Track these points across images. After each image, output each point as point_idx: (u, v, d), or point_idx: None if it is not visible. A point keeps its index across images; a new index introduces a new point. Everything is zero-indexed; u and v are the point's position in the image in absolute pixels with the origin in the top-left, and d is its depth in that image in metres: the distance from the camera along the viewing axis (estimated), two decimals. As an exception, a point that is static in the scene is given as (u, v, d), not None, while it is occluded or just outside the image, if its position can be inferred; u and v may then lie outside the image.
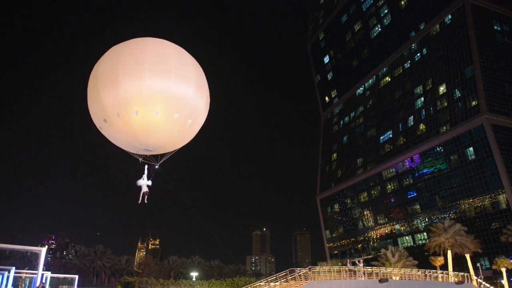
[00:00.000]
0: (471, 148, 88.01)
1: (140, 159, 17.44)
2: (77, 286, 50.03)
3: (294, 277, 34.57)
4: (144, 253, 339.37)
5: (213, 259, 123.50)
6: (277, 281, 34.47)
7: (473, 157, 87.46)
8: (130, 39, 16.58)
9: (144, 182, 17.42)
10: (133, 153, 17.16)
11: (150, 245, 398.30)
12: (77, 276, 47.98)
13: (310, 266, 36.73)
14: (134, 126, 15.00)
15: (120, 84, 14.44)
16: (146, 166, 17.71)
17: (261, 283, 35.39)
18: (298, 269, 36.06)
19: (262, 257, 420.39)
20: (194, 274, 38.61)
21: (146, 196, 17.53)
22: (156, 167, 17.80)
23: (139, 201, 17.42)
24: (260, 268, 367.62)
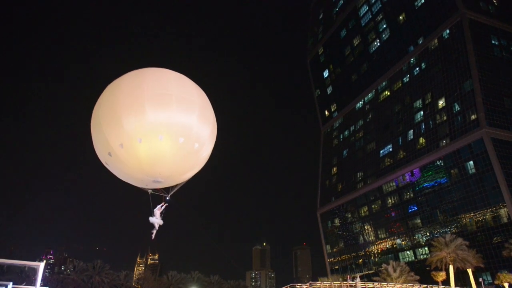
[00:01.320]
0: (471, 162, 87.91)
1: (149, 190, 17.03)
2: (75, 302, 49.39)
3: (295, 292, 34.17)
4: (143, 268, 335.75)
5: (212, 274, 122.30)
6: (277, 297, 34.05)
7: (473, 170, 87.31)
8: (128, 72, 16.48)
9: (156, 220, 16.97)
10: (142, 188, 16.76)
11: (149, 260, 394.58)
12: (74, 292, 47.44)
13: (311, 282, 36.37)
14: (139, 156, 14.75)
15: (121, 123, 14.41)
16: (158, 206, 17.21)
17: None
18: (298, 284, 35.73)
19: (262, 272, 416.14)
20: (193, 290, 38.12)
21: (154, 232, 17.09)
22: (167, 198, 17.38)
23: (152, 238, 17.08)
24: (260, 283, 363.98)
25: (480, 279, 66.59)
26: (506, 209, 79.75)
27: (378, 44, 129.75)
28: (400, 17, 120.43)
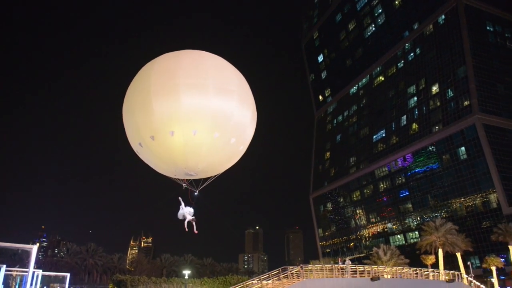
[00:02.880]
0: (463, 148, 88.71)
1: (183, 185, 16.06)
2: (69, 284, 49.68)
3: (287, 275, 34.64)
4: (137, 251, 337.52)
5: (205, 257, 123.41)
6: (270, 279, 34.51)
7: (464, 156, 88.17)
8: (164, 54, 15.41)
9: (184, 212, 15.93)
10: (175, 178, 15.89)
11: (142, 243, 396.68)
12: (68, 274, 47.62)
13: (303, 265, 36.83)
14: (170, 149, 14.00)
15: (152, 106, 13.45)
16: (183, 198, 16.17)
17: (254, 281, 35.41)
18: (290, 267, 36.12)
19: (255, 255, 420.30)
20: (186, 272, 38.57)
21: (194, 224, 16.06)
22: (196, 193, 16.33)
23: (186, 229, 16.07)
24: (253, 266, 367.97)
25: (469, 263, 67.90)
26: (495, 194, 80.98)
27: (373, 29, 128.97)
28: (396, 2, 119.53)
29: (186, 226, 16.00)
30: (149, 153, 14.65)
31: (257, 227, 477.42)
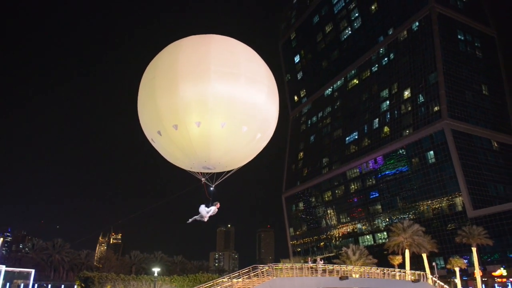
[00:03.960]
0: (431, 152, 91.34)
1: (203, 179, 15.06)
2: (33, 280, 48.34)
3: (257, 273, 34.76)
4: (105, 247, 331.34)
5: (176, 255, 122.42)
6: (240, 278, 34.54)
7: (433, 160, 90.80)
8: (190, 36, 14.25)
9: (205, 214, 15.15)
10: (192, 172, 14.94)
11: (111, 239, 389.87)
12: (33, 270, 46.42)
13: (273, 263, 37.07)
14: (194, 141, 12.90)
15: (179, 88, 12.29)
16: (216, 204, 15.36)
17: (224, 280, 35.35)
18: (261, 265, 36.25)
19: (226, 253, 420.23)
20: (156, 270, 38.11)
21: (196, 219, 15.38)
22: (212, 188, 15.40)
23: (189, 221, 15.40)
24: (224, 264, 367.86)
25: (434, 263, 69.89)
26: (461, 198, 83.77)
27: (350, 32, 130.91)
28: (372, 7, 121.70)
29: (191, 220, 15.44)
30: (168, 143, 13.62)
31: (229, 226, 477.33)
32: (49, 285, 73.62)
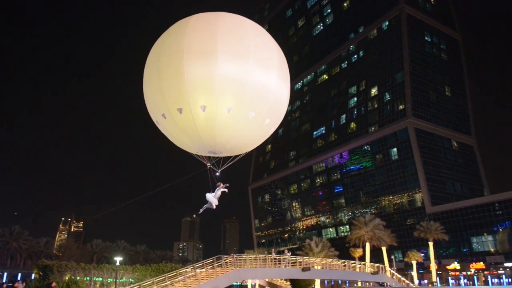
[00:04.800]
0: (395, 149, 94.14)
1: (208, 164, 14.69)
2: (-12, 267, 46.56)
3: (221, 264, 34.92)
4: (66, 235, 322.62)
5: (139, 244, 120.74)
6: (204, 268, 34.60)
7: (396, 157, 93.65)
8: (197, 13, 13.63)
9: (213, 200, 15.06)
10: (196, 156, 14.56)
11: (72, 227, 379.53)
12: (-12, 257, 44.56)
13: (235, 254, 37.30)
14: (199, 125, 12.41)
15: (184, 70, 11.75)
16: (221, 184, 15.13)
17: (187, 270, 35.29)
18: (225, 256, 36.43)
19: (190, 243, 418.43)
20: (118, 259, 37.44)
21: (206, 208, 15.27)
22: (217, 174, 15.06)
23: (200, 211, 15.34)
24: (188, 254, 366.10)
25: (392, 257, 72.38)
26: (421, 194, 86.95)
27: (322, 28, 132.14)
28: (345, 4, 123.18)
29: (202, 209, 15.31)
30: (173, 127, 13.14)
31: (194, 216, 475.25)
32: (5, 273, 71.21)
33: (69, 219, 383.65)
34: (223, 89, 11.82)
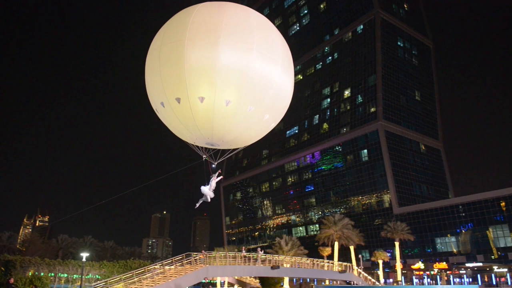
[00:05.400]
0: (365, 150, 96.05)
1: (204, 156, 14.64)
2: None
3: (190, 261, 34.78)
4: (30, 230, 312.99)
5: (107, 240, 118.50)
6: (173, 265, 34.36)
7: (366, 158, 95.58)
8: (203, 2, 13.47)
9: (209, 193, 14.81)
10: (193, 146, 14.39)
11: (37, 221, 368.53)
12: None
13: (205, 252, 37.25)
14: (196, 117, 12.29)
15: (185, 59, 11.60)
16: (214, 176, 14.94)
17: (156, 266, 34.94)
18: (194, 253, 36.29)
19: (160, 240, 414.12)
20: (84, 255, 36.57)
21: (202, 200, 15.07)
22: (214, 165, 14.99)
23: (197, 205, 15.07)
24: (157, 251, 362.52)
25: (360, 256, 73.77)
26: (389, 195, 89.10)
27: (298, 28, 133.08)
28: (321, 6, 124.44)
29: (199, 203, 15.14)
30: (171, 116, 12.96)
31: (165, 212, 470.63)
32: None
33: (34, 214, 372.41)
34: (222, 80, 11.67)
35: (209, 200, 15.06)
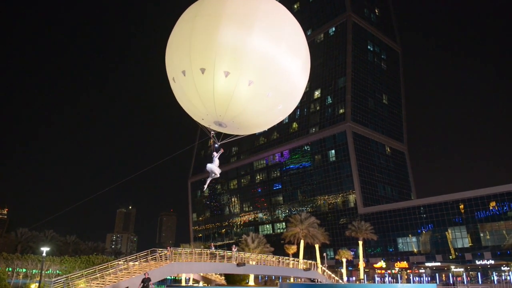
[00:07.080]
0: (333, 151, 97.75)
1: (212, 132, 14.79)
2: None
3: (155, 257, 34.41)
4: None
5: (69, 234, 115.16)
6: (137, 261, 33.89)
7: (333, 158, 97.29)
8: None
9: (216, 169, 15.28)
10: (199, 124, 14.45)
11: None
12: None
13: (171, 248, 36.93)
14: (216, 90, 12.26)
15: (219, 32, 11.77)
16: (215, 153, 15.42)
17: (120, 262, 34.38)
18: (160, 249, 35.95)
19: (124, 235, 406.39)
20: (44, 249, 35.44)
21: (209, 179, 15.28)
22: (216, 145, 15.43)
23: (205, 187, 15.52)
24: (121, 247, 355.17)
25: (324, 254, 75.19)
26: (354, 195, 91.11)
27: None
28: (295, 6, 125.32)
29: (207, 183, 15.60)
30: (189, 86, 12.81)
31: (130, 207, 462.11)
32: None
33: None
34: (250, 61, 11.95)
35: (218, 175, 15.52)
